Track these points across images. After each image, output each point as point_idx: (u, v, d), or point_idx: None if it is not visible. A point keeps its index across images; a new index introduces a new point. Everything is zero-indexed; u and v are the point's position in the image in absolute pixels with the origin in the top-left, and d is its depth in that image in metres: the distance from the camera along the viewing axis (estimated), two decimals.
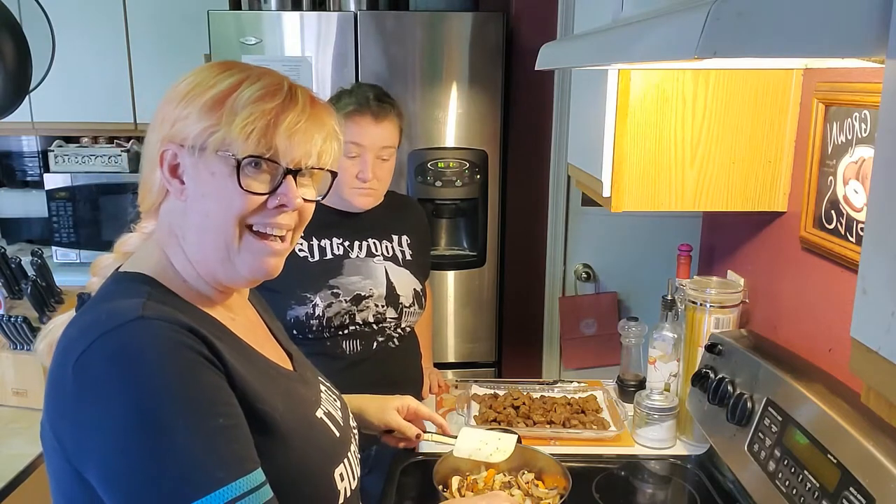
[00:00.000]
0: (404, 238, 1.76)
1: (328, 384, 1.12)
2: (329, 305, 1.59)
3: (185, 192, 0.88)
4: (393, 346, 1.70)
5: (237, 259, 0.89)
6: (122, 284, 0.89)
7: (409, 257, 1.74)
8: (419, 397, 1.85)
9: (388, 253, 1.71)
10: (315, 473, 0.92)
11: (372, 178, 1.60)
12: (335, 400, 1.08)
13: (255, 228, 0.88)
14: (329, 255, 1.64)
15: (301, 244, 1.61)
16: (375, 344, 1.66)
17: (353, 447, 1.04)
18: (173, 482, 0.74)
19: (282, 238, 0.91)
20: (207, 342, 0.81)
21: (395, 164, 1.67)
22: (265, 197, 0.87)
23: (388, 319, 1.67)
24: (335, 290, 1.61)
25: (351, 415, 1.11)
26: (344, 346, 1.63)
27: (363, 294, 1.63)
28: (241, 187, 0.85)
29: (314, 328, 1.58)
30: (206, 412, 0.78)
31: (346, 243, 1.66)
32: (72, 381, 0.77)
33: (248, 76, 0.87)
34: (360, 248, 1.68)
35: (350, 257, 1.66)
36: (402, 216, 1.79)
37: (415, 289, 1.72)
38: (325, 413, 1.00)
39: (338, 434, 1.00)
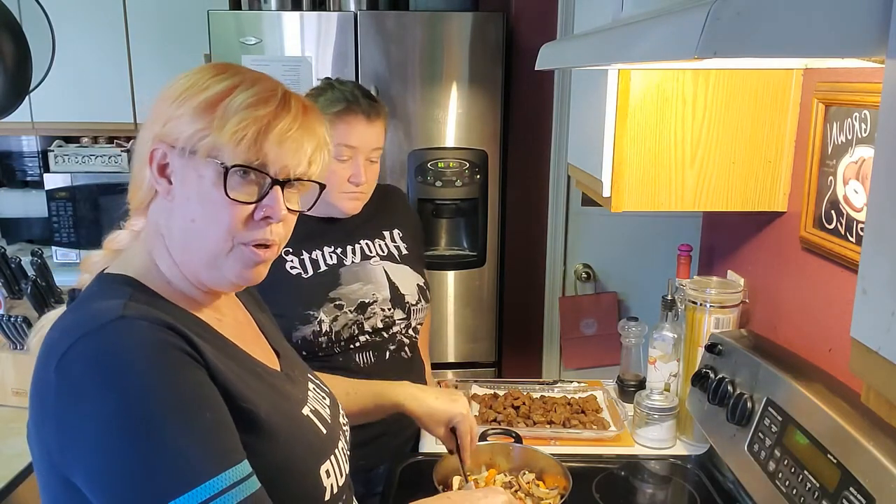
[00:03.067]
0: (396, 232, 1.68)
1: (318, 382, 1.11)
2: (335, 319, 1.51)
3: (172, 193, 0.87)
4: (406, 356, 1.63)
5: (224, 265, 0.88)
6: (104, 286, 0.89)
7: (405, 251, 1.67)
8: None
9: (384, 252, 1.64)
10: (300, 470, 0.92)
11: (364, 181, 1.52)
12: (324, 398, 1.07)
13: (243, 243, 0.87)
14: (323, 267, 1.55)
15: (292, 261, 1.53)
16: (388, 354, 1.59)
17: (342, 444, 1.04)
18: (161, 478, 0.74)
19: (267, 245, 0.89)
20: (188, 339, 0.81)
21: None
22: (252, 207, 0.86)
23: (398, 321, 1.59)
24: (338, 302, 1.53)
25: (341, 412, 1.10)
26: (357, 359, 1.56)
27: (367, 301, 1.55)
28: (228, 196, 0.84)
29: (323, 345, 1.51)
30: (192, 407, 0.78)
31: (339, 251, 1.58)
32: (54, 384, 0.77)
33: (243, 81, 0.87)
34: (354, 252, 1.59)
35: (345, 265, 1.57)
36: (387, 209, 1.71)
37: (418, 284, 1.66)
38: (311, 411, 1.00)
39: (325, 431, 0.99)
